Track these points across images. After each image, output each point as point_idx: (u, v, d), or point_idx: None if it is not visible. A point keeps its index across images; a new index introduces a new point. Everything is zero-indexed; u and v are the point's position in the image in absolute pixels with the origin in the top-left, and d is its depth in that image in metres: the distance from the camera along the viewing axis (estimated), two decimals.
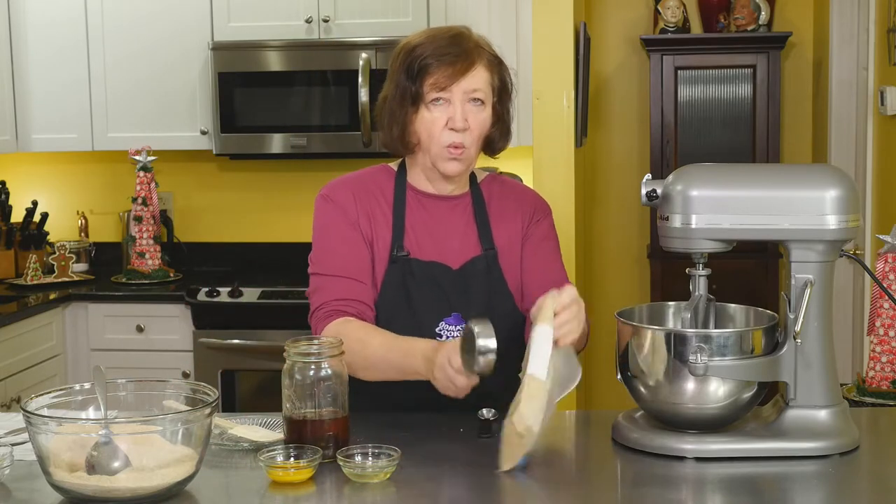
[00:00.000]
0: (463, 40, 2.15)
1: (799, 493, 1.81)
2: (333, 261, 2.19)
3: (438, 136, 2.14)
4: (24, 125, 4.43)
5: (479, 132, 2.17)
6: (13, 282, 4.37)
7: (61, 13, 4.38)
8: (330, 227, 2.22)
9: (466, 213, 2.26)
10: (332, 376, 1.89)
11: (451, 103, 2.13)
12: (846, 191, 1.91)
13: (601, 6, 5.21)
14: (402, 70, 2.15)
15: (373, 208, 2.23)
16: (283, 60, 4.24)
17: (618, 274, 5.24)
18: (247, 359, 4.04)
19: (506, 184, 2.34)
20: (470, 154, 2.18)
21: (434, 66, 2.11)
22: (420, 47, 2.14)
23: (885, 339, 2.50)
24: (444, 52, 2.12)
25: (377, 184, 2.26)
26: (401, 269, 2.19)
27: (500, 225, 2.26)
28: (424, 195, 2.25)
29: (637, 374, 1.95)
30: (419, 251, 2.21)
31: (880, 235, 2.55)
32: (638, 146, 5.26)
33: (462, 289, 2.20)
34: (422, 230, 2.23)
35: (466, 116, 2.13)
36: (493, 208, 2.28)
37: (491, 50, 2.19)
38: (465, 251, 2.23)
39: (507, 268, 2.25)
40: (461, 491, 1.83)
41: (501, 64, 2.21)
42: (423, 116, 2.14)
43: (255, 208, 4.70)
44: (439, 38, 2.15)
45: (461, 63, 2.12)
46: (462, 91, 2.12)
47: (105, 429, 1.67)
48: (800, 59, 5.13)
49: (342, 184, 2.27)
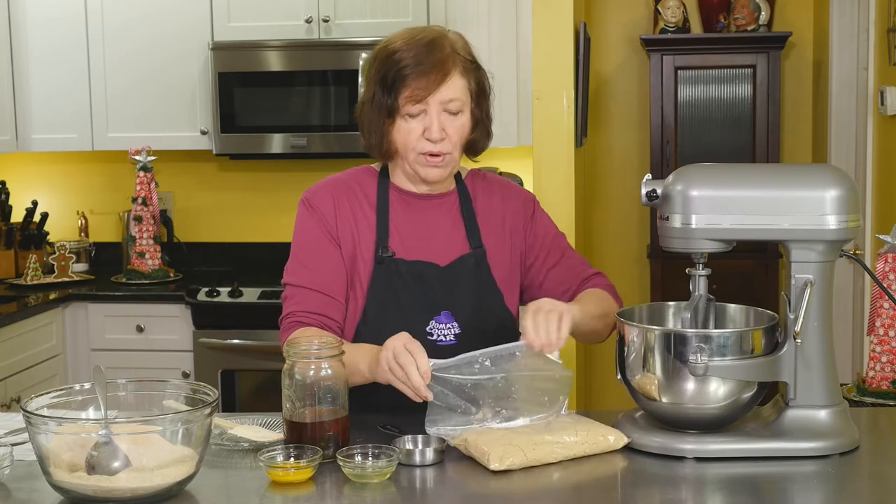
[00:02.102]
0: (437, 48, 2.11)
1: (799, 493, 1.81)
2: (305, 273, 2.19)
3: (415, 145, 2.14)
4: (24, 125, 4.43)
5: (459, 138, 2.16)
6: (13, 282, 4.37)
7: (61, 13, 4.38)
8: (306, 236, 2.22)
9: (453, 211, 2.26)
10: (332, 376, 1.89)
11: (428, 114, 2.12)
12: (846, 191, 1.91)
13: (601, 6, 5.21)
14: (378, 79, 2.14)
15: (355, 211, 2.22)
16: (283, 60, 4.24)
17: (618, 274, 5.24)
18: (247, 359, 4.04)
19: (489, 179, 2.34)
20: (451, 158, 2.17)
21: (409, 77, 2.09)
22: (394, 56, 2.12)
23: (885, 339, 2.50)
24: (419, 60, 2.09)
25: (360, 185, 2.25)
26: (387, 269, 2.18)
27: (487, 222, 2.26)
28: (409, 194, 2.24)
29: (637, 374, 1.95)
30: (405, 251, 2.20)
31: (880, 235, 2.55)
32: (638, 146, 5.26)
33: (450, 287, 2.19)
34: (407, 230, 2.22)
35: (444, 126, 2.12)
36: (479, 205, 2.27)
37: (467, 54, 2.16)
38: (453, 249, 2.23)
39: (496, 265, 2.24)
40: (460, 491, 1.83)
41: (478, 67, 2.19)
42: (399, 127, 2.14)
43: (255, 208, 4.70)
44: (412, 44, 2.12)
45: (435, 73, 2.10)
46: (438, 102, 2.11)
47: (105, 429, 1.67)
48: (800, 59, 5.13)
49: (323, 188, 2.26)
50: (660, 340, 1.91)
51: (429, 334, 2.16)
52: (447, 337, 2.17)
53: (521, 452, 1.84)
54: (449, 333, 2.17)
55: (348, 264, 2.20)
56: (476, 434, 1.91)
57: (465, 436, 1.91)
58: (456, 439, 1.92)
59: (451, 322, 2.18)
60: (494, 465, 1.82)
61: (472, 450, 1.88)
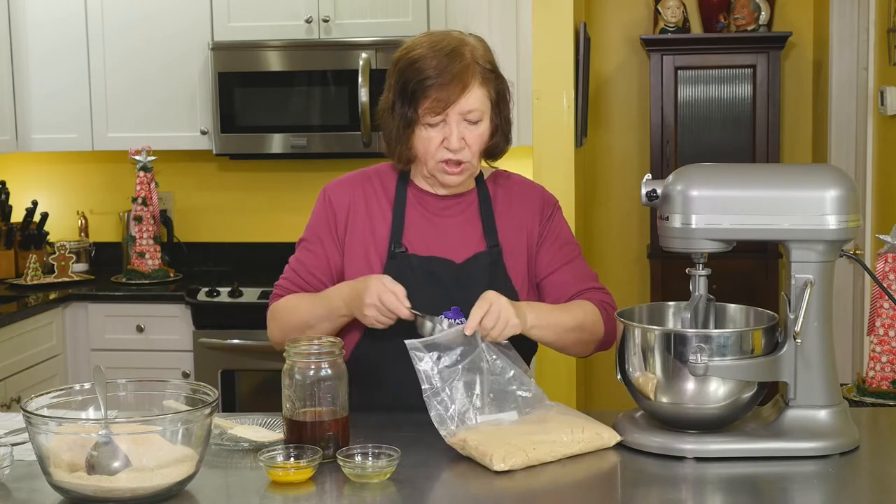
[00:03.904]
0: (456, 59, 2.12)
1: (799, 493, 1.81)
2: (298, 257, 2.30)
3: (434, 153, 2.15)
4: (24, 125, 4.43)
5: (478, 147, 2.17)
6: (13, 282, 4.37)
7: (61, 13, 4.38)
8: (311, 224, 2.30)
9: (471, 211, 2.26)
10: (332, 376, 1.89)
11: (447, 124, 2.13)
12: (846, 191, 1.91)
13: (601, 6, 5.22)
14: (397, 89, 2.15)
15: (371, 205, 2.25)
16: (283, 60, 4.24)
17: (618, 274, 5.24)
18: (247, 359, 4.04)
19: (511, 179, 2.34)
20: (470, 166, 2.19)
21: (429, 89, 2.10)
22: (414, 66, 2.12)
23: (885, 339, 2.50)
24: (439, 71, 2.10)
25: (381, 180, 2.28)
26: (399, 264, 2.20)
27: (507, 222, 2.27)
28: (427, 193, 2.26)
29: (637, 374, 1.95)
30: (419, 247, 2.21)
31: (880, 235, 2.55)
32: (638, 146, 5.26)
33: (464, 283, 2.19)
34: (423, 227, 2.23)
35: (463, 135, 2.13)
36: (499, 205, 2.28)
37: (487, 62, 2.17)
38: (469, 247, 2.23)
39: (512, 265, 2.25)
40: (461, 491, 1.83)
41: (498, 76, 2.19)
42: (419, 136, 2.15)
43: (255, 208, 4.70)
44: (432, 54, 2.12)
45: (455, 85, 2.10)
46: (457, 113, 2.12)
47: (105, 429, 1.67)
48: (800, 59, 5.13)
49: (344, 181, 2.30)
50: (660, 340, 1.91)
51: None
52: None
53: (522, 453, 1.84)
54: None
55: (361, 258, 2.22)
56: (475, 433, 1.90)
57: (463, 436, 1.91)
58: (453, 438, 1.92)
59: (460, 318, 2.18)
60: (498, 465, 1.82)
61: (471, 451, 1.88)
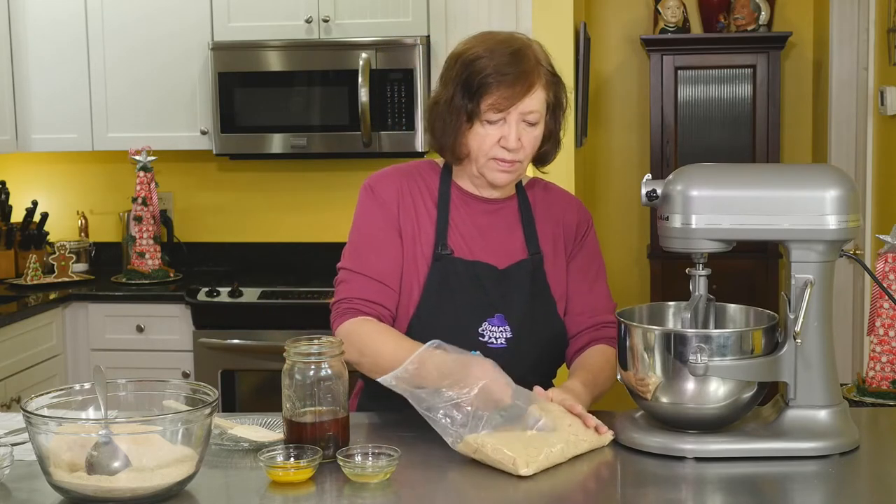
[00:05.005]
0: (523, 59, 2.11)
1: (799, 493, 1.81)
2: (362, 259, 2.19)
3: (489, 150, 2.13)
4: (24, 125, 4.43)
5: (531, 149, 2.16)
6: (13, 282, 4.37)
7: (61, 13, 4.38)
8: (367, 222, 2.22)
9: (512, 216, 2.25)
10: (332, 376, 1.89)
11: (507, 122, 2.11)
12: (846, 191, 1.91)
13: (601, 6, 5.22)
14: (460, 82, 2.12)
15: (416, 203, 2.22)
16: (283, 60, 4.24)
17: (618, 274, 5.24)
18: (247, 359, 4.04)
19: (550, 189, 2.33)
20: (521, 167, 2.18)
21: (494, 86, 2.08)
22: (480, 61, 2.10)
23: (885, 339, 2.50)
24: (505, 70, 2.09)
25: (423, 178, 2.25)
26: (444, 267, 2.18)
27: (546, 231, 2.26)
28: (470, 195, 2.24)
29: (637, 375, 1.95)
30: (463, 250, 2.20)
31: (880, 235, 2.55)
32: (638, 146, 5.26)
33: (505, 290, 2.18)
34: (466, 229, 2.22)
35: (520, 136, 2.12)
36: (539, 213, 2.27)
37: (549, 66, 2.16)
38: (511, 254, 2.22)
39: (551, 274, 2.24)
40: (461, 492, 1.83)
41: (559, 81, 2.18)
42: (476, 132, 2.13)
43: (255, 208, 4.69)
44: (499, 52, 2.11)
45: (520, 85, 2.09)
46: (518, 112, 2.11)
47: (105, 429, 1.67)
48: (800, 59, 5.13)
49: (388, 175, 2.25)
50: (660, 340, 1.91)
51: (480, 335, 2.16)
52: (498, 340, 2.17)
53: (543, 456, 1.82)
54: (500, 336, 2.17)
55: (407, 255, 2.20)
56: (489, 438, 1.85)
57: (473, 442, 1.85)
58: (460, 445, 1.87)
59: (503, 325, 2.17)
60: (524, 470, 1.80)
61: (491, 454, 1.83)
